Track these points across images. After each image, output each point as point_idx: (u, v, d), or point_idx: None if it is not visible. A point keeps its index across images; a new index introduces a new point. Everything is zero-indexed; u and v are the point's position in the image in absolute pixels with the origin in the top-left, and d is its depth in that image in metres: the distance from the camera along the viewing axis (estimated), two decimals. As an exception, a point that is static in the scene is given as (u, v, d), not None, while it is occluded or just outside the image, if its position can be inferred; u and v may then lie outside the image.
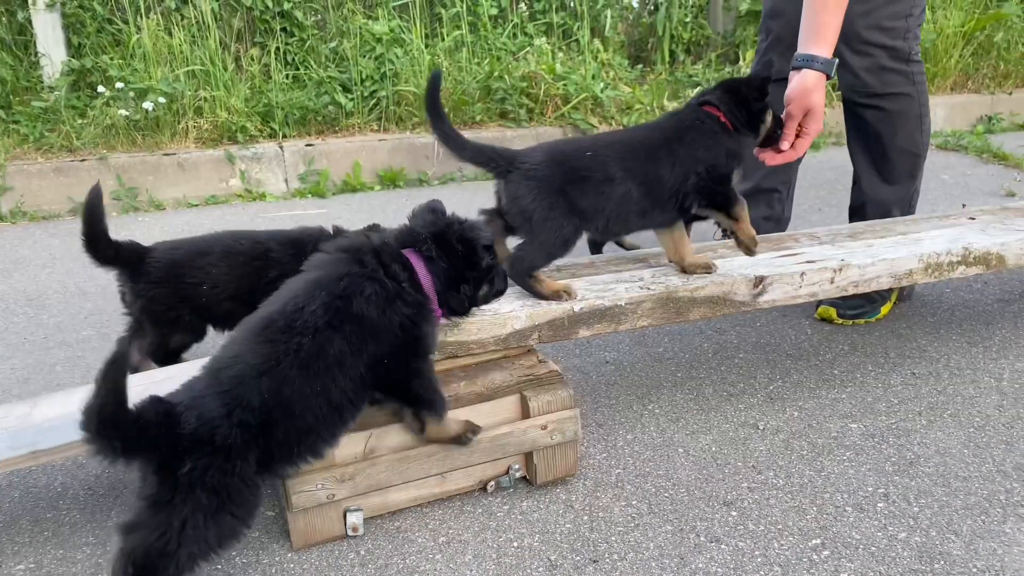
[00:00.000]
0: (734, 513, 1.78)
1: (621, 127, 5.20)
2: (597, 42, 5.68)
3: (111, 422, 1.26)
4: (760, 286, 2.11)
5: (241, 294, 1.97)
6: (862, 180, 2.80)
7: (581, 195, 1.89)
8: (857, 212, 2.85)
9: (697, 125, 2.03)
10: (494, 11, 5.59)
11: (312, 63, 5.18)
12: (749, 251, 2.09)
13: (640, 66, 5.89)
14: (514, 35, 5.64)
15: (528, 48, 5.41)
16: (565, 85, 5.21)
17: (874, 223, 2.61)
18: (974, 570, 1.59)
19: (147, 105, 4.51)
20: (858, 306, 2.72)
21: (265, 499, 1.57)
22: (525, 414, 1.84)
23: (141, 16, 4.87)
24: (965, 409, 2.18)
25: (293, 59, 5.26)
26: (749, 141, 2.15)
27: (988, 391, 2.26)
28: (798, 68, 2.21)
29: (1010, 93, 6.48)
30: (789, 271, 2.15)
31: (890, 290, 2.76)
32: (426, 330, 1.62)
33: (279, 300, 1.54)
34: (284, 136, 4.88)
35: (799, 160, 2.64)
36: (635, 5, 6.31)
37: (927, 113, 2.70)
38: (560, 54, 5.53)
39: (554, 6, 5.78)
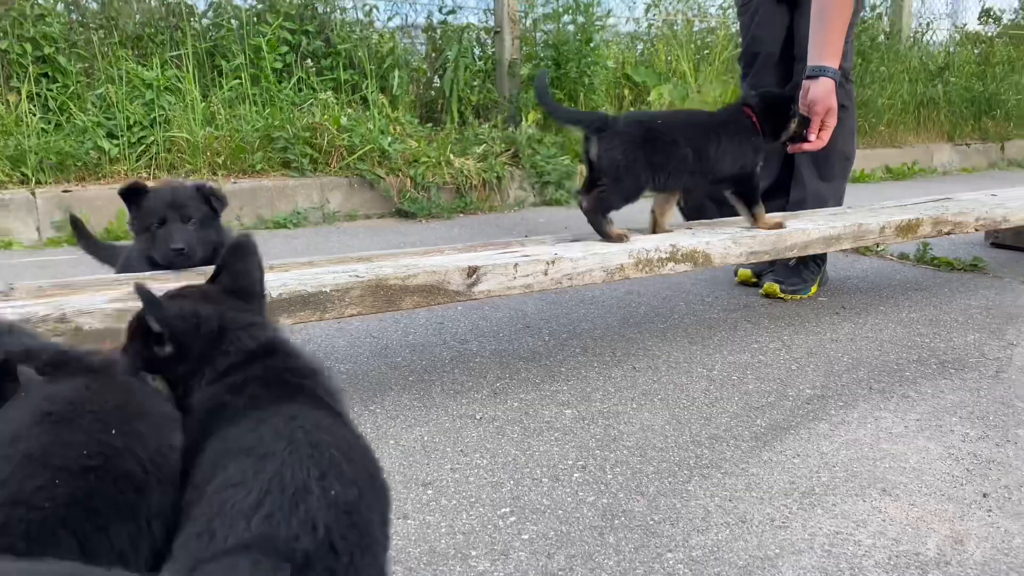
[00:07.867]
0: (430, 491, 1.73)
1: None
2: (384, 100, 5.77)
3: None
4: (474, 276, 2.13)
5: None
6: (805, 179, 3.28)
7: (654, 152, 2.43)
8: (798, 205, 3.28)
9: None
10: (278, 65, 5.57)
11: (75, 108, 4.89)
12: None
13: (431, 124, 6.04)
14: (299, 89, 5.63)
15: (313, 101, 5.41)
16: (350, 136, 5.23)
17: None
18: (651, 522, 1.62)
19: None
20: (794, 284, 3.25)
21: None
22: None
23: None
24: (674, 394, 2.27)
25: (55, 104, 4.95)
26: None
27: (699, 379, 2.39)
28: (815, 76, 2.68)
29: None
30: (503, 262, 2.19)
31: (820, 266, 3.32)
32: None
33: None
34: (38, 182, 4.53)
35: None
36: (426, 68, 6.52)
37: (855, 124, 3.30)
38: (350, 110, 5.57)
39: (342, 64, 5.85)
